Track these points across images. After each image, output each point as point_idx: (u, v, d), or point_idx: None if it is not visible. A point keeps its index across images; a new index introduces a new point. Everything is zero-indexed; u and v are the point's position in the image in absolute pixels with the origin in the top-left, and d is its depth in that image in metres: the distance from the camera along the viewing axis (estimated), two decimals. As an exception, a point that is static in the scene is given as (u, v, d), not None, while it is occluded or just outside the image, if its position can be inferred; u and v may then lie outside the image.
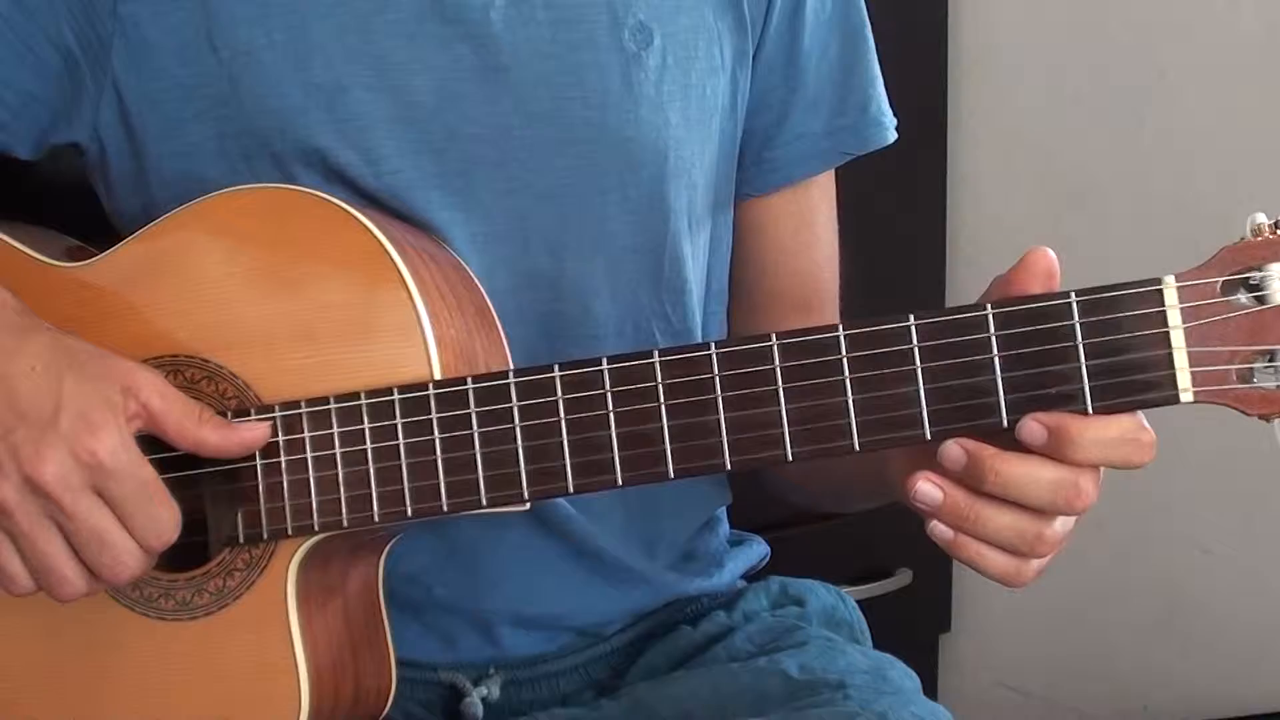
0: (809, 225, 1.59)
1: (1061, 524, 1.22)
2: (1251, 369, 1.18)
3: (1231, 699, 2.72)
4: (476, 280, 1.39)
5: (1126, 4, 2.64)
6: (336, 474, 1.30)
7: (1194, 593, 2.71)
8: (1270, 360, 1.17)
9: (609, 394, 1.26)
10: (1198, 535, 2.68)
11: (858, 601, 1.65)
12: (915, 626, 2.69)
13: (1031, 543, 1.21)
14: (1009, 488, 1.20)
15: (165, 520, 1.27)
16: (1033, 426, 1.19)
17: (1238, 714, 2.72)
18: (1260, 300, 1.17)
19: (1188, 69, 2.61)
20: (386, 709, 1.41)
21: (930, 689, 1.62)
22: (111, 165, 1.45)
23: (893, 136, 1.60)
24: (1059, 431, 1.19)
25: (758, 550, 1.67)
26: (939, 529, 1.23)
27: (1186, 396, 1.18)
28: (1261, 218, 1.18)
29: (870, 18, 1.60)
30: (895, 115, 1.61)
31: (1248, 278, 1.17)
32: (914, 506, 1.23)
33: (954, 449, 1.21)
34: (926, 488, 1.22)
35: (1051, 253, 1.23)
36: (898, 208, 2.54)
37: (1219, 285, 1.18)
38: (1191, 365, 1.18)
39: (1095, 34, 2.65)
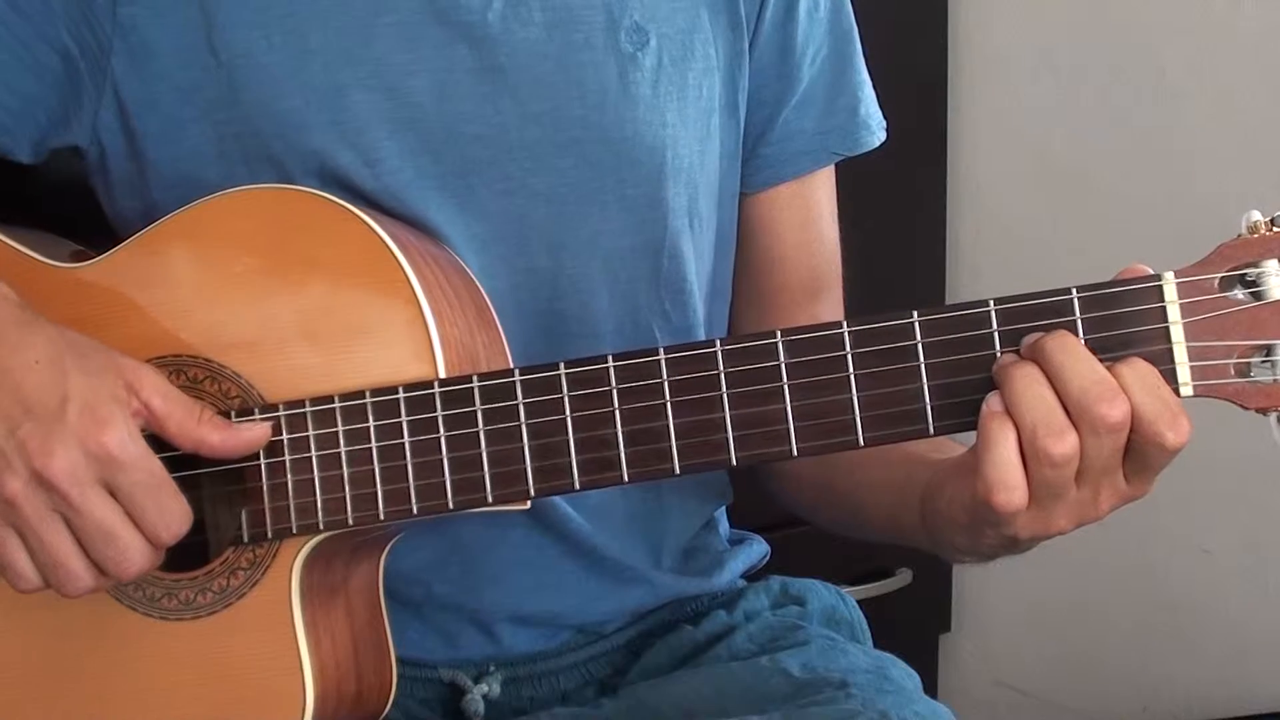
0: (814, 219, 1.60)
1: (1064, 476, 1.21)
2: (1249, 364, 1.19)
3: (1231, 699, 2.72)
4: (476, 280, 1.39)
5: (1126, 4, 2.64)
6: (341, 473, 1.31)
7: (1194, 593, 2.71)
8: (1267, 355, 1.19)
9: (614, 391, 1.26)
10: (1198, 535, 2.68)
11: (858, 601, 1.65)
12: (915, 626, 2.69)
13: (1047, 436, 1.19)
14: (1064, 351, 1.19)
15: (174, 512, 1.27)
16: None
17: (1238, 714, 2.72)
18: (1257, 296, 1.19)
19: (1188, 69, 2.61)
20: (388, 708, 1.41)
21: (930, 689, 1.62)
22: (111, 168, 1.45)
23: (880, 140, 1.61)
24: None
25: (758, 550, 1.67)
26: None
27: (1186, 390, 1.20)
28: (1257, 215, 1.20)
29: (871, 18, 1.61)
30: (896, 115, 1.62)
31: (1244, 274, 1.19)
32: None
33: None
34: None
35: None
36: (898, 208, 2.55)
37: (1216, 281, 1.20)
38: (1190, 360, 1.20)
39: (1095, 34, 2.65)
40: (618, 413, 1.26)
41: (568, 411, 1.27)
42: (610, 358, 1.27)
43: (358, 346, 1.31)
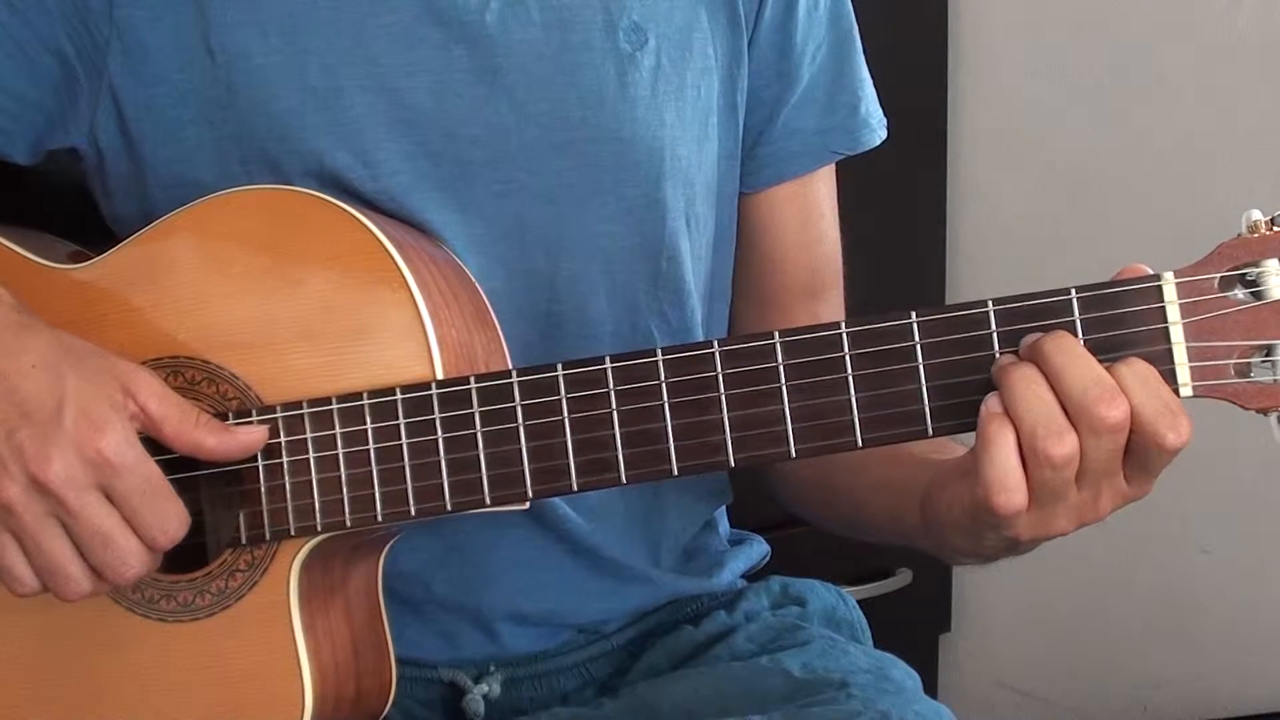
0: (815, 218, 1.60)
1: (1064, 473, 1.20)
2: (1249, 364, 1.20)
3: (1231, 699, 2.72)
4: (474, 280, 1.39)
5: (1126, 4, 2.64)
6: (339, 474, 1.30)
7: (1194, 593, 2.71)
8: (1267, 355, 1.19)
9: (612, 393, 1.26)
10: (1198, 535, 2.68)
11: (858, 601, 1.65)
12: (915, 626, 2.69)
13: (1046, 437, 1.19)
14: (1063, 352, 1.20)
15: (171, 516, 1.27)
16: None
17: (1238, 714, 2.72)
18: (1257, 296, 1.19)
19: (1188, 69, 2.61)
20: (387, 708, 1.41)
21: (930, 689, 1.62)
22: (109, 169, 1.45)
23: (881, 138, 1.61)
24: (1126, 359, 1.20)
25: (758, 550, 1.67)
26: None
27: (1186, 391, 1.20)
28: (1257, 214, 1.20)
29: (870, 18, 1.61)
30: (896, 116, 1.62)
31: (1244, 274, 1.19)
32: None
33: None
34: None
35: None
36: (898, 208, 2.55)
37: (1216, 281, 1.20)
38: (1190, 360, 1.20)
39: (1095, 34, 2.65)
40: (616, 414, 1.26)
41: (566, 413, 1.27)
42: (608, 359, 1.27)
43: (355, 348, 1.31)
